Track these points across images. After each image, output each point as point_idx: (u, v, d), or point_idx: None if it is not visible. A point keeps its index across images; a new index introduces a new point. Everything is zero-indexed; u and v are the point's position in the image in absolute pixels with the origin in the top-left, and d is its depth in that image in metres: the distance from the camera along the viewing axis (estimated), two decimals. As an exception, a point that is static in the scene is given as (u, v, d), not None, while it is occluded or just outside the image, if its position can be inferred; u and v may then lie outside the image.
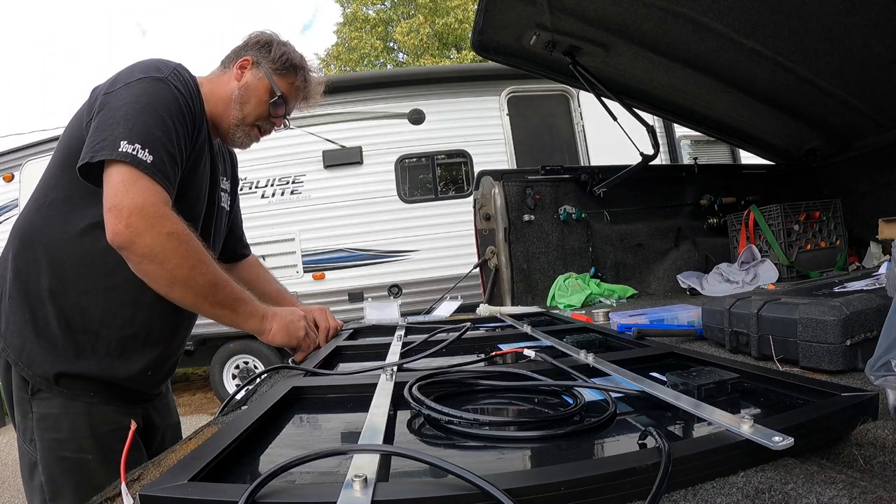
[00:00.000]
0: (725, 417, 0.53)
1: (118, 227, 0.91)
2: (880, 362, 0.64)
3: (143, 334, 1.10)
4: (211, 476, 0.47)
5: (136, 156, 0.93)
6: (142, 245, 0.92)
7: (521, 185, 2.57)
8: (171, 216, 0.96)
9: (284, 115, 1.27)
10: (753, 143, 2.81)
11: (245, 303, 1.09)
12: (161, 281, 0.97)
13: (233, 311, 1.06)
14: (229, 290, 1.05)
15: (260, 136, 1.27)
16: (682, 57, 2.00)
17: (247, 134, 1.23)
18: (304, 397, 0.79)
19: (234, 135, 1.23)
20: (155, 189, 0.95)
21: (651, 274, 2.64)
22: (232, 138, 1.24)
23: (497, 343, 1.20)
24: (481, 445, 0.58)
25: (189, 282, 0.98)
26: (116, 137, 0.93)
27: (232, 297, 1.06)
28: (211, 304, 1.02)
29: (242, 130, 1.22)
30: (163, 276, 0.96)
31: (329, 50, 16.00)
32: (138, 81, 1.01)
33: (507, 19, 2.00)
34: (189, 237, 0.98)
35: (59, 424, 1.02)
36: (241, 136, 1.23)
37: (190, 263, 0.97)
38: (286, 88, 1.24)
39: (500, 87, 5.03)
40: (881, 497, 0.39)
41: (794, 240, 2.24)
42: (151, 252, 0.93)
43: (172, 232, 0.95)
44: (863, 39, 1.64)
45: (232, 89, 1.20)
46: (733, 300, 1.08)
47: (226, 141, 1.28)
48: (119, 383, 1.08)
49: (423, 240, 4.82)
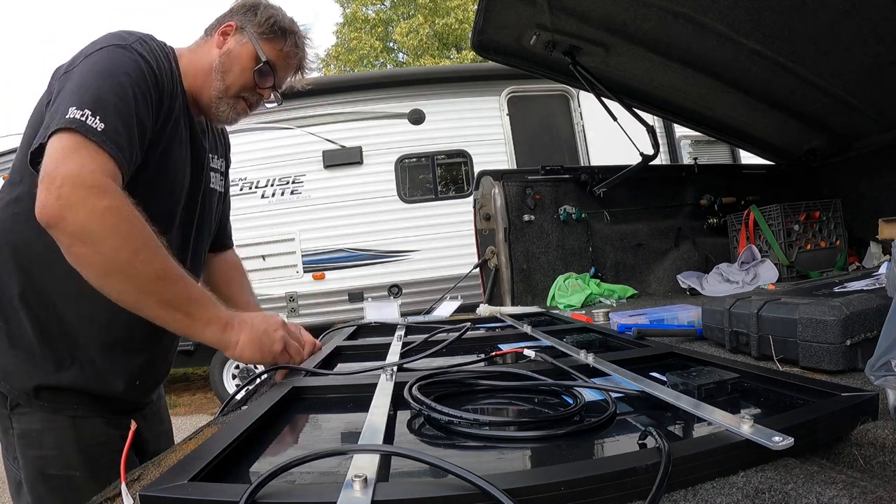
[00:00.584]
0: (725, 417, 0.53)
1: (47, 199, 0.76)
2: (880, 362, 0.64)
3: (125, 340, 1.00)
4: (211, 476, 0.47)
5: (85, 122, 0.80)
6: (73, 221, 0.76)
7: (521, 185, 2.57)
8: (114, 190, 0.80)
9: (274, 86, 1.14)
10: (753, 143, 2.81)
11: (202, 306, 0.88)
12: (95, 268, 0.80)
13: (186, 315, 0.85)
14: (182, 287, 0.85)
15: (247, 109, 1.14)
16: (682, 57, 2.00)
17: (231, 107, 1.11)
18: (304, 397, 0.79)
19: (218, 108, 1.10)
20: (100, 158, 0.81)
21: (651, 274, 2.64)
22: (215, 113, 1.12)
23: (497, 343, 1.20)
24: (481, 445, 0.58)
25: (128, 271, 0.80)
26: (66, 107, 0.81)
27: (185, 297, 0.85)
28: (157, 303, 0.83)
29: (226, 103, 1.10)
30: (97, 261, 0.79)
31: (329, 50, 16.00)
32: (98, 51, 0.90)
33: (507, 19, 2.00)
34: (132, 216, 0.81)
35: (42, 440, 0.94)
36: (226, 110, 1.11)
37: (132, 247, 0.79)
38: (274, 55, 1.10)
39: (500, 87, 5.03)
40: (881, 497, 0.39)
41: (794, 240, 2.24)
42: (84, 230, 0.77)
43: (112, 207, 0.78)
44: (863, 39, 1.64)
45: (213, 58, 1.08)
46: (733, 300, 1.08)
47: (209, 117, 1.15)
48: (104, 394, 1.00)
49: (423, 240, 4.82)
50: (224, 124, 1.20)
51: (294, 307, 4.69)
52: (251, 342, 0.90)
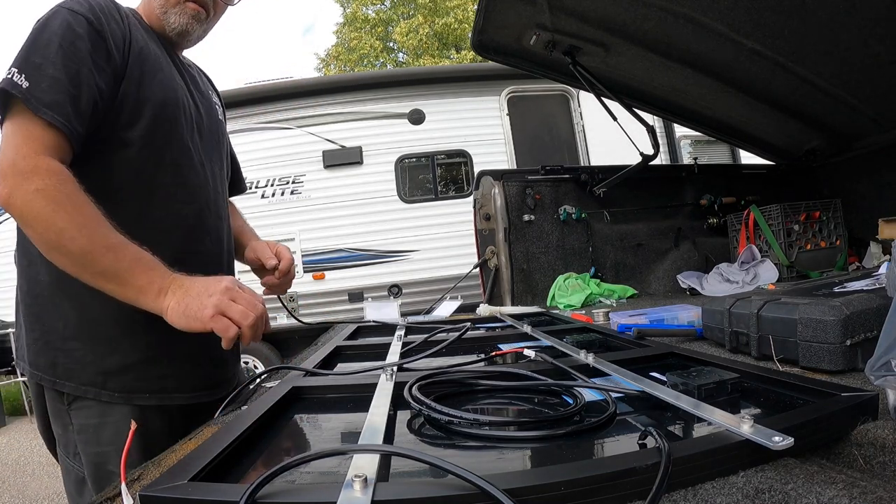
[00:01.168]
0: (725, 417, 0.53)
1: (1, 190, 0.82)
2: (880, 362, 0.64)
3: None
4: (211, 476, 0.47)
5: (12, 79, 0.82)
6: (14, 207, 0.82)
7: (521, 185, 2.57)
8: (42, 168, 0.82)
9: None
10: (753, 143, 2.81)
11: (133, 274, 0.85)
12: (40, 246, 0.85)
13: (119, 285, 0.85)
14: (110, 258, 0.84)
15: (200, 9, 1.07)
16: (682, 57, 2.00)
17: (181, 13, 1.05)
18: (304, 397, 0.79)
19: (168, 22, 1.06)
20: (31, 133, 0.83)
21: (651, 274, 2.64)
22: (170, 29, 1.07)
23: (497, 343, 1.20)
24: (481, 445, 0.58)
25: (60, 248, 0.83)
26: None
27: (113, 268, 0.84)
28: (91, 275, 0.85)
29: (173, 13, 1.05)
30: (37, 240, 0.85)
31: (329, 50, 16.02)
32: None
33: (507, 19, 2.00)
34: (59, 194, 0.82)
35: (99, 436, 0.93)
36: (176, 19, 1.05)
37: (57, 228, 0.82)
38: None
39: (500, 87, 5.03)
40: (881, 497, 0.39)
41: (794, 240, 2.24)
42: (21, 214, 0.83)
43: (40, 189, 0.81)
44: (863, 39, 1.64)
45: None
46: (733, 300, 1.08)
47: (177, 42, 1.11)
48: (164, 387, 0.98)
49: (423, 240, 4.82)
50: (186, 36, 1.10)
51: (294, 307, 4.69)
52: (178, 307, 0.84)
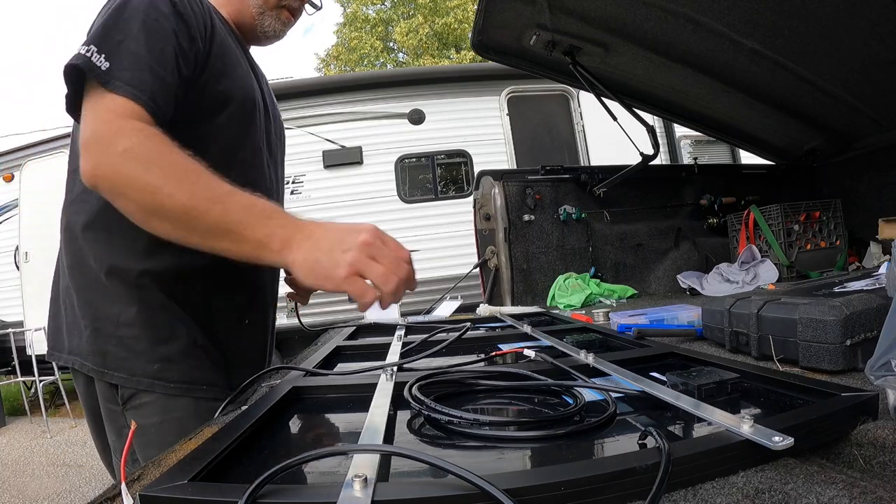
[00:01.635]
0: (725, 417, 0.53)
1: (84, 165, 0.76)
2: (880, 362, 0.64)
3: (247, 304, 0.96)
4: (211, 476, 0.47)
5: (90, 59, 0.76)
6: (103, 179, 0.75)
7: (521, 185, 2.57)
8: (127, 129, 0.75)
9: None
10: (753, 143, 2.81)
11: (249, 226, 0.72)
12: (137, 217, 0.76)
13: (234, 242, 0.72)
14: (218, 211, 0.72)
15: (291, 17, 1.11)
16: (682, 57, 2.00)
17: (276, 18, 1.08)
18: (304, 397, 0.78)
19: (263, 24, 1.07)
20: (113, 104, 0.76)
21: (651, 274, 2.64)
22: (262, 29, 1.08)
23: (497, 343, 1.20)
24: (481, 445, 0.58)
25: (159, 210, 0.73)
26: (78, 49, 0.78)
27: (224, 223, 0.72)
28: (201, 235, 0.74)
29: (269, 16, 1.07)
30: (133, 209, 0.76)
31: (329, 50, 16.02)
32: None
33: (507, 19, 2.00)
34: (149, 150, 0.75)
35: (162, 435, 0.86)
36: (271, 23, 1.07)
37: (152, 186, 0.72)
38: None
39: (500, 87, 5.04)
40: (881, 497, 0.39)
41: (794, 240, 2.24)
42: (112, 184, 0.75)
43: (127, 149, 0.73)
44: (863, 39, 1.64)
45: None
46: (733, 300, 1.08)
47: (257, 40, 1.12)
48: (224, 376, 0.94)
49: (423, 240, 4.82)
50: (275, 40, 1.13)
51: (294, 307, 4.69)
52: (305, 263, 0.70)
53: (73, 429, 5.01)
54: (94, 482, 3.59)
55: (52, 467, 3.96)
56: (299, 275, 0.71)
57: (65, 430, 5.01)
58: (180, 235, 0.75)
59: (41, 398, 5.21)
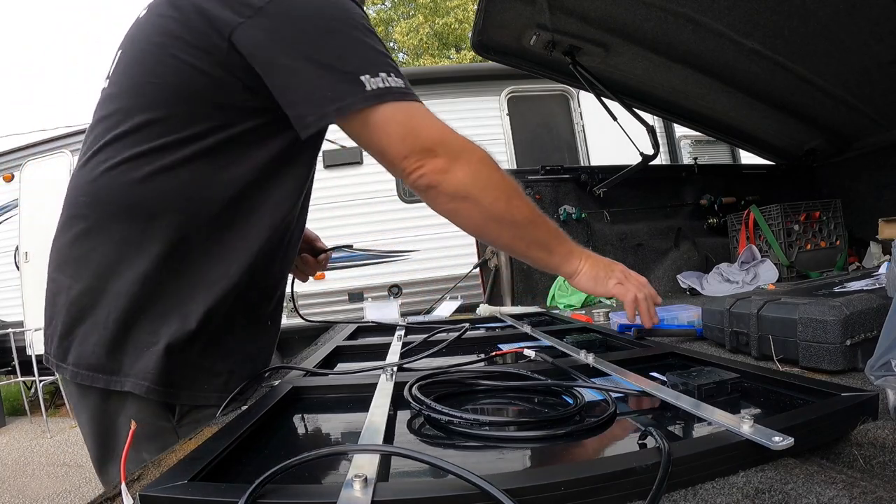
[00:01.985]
0: (725, 417, 0.53)
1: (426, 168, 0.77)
2: (880, 362, 0.64)
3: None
4: (211, 476, 0.47)
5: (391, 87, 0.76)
6: (456, 179, 0.79)
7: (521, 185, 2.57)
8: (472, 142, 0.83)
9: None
10: (753, 143, 2.81)
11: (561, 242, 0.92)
12: (475, 219, 0.83)
13: (547, 253, 0.91)
14: (546, 227, 0.89)
15: None
16: (682, 57, 2.00)
17: None
18: (304, 397, 0.79)
19: None
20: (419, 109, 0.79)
21: (651, 274, 2.64)
22: None
23: (497, 343, 1.20)
24: (481, 445, 0.58)
25: (506, 218, 0.83)
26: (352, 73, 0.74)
27: (545, 238, 0.90)
28: (527, 244, 0.88)
29: None
30: (476, 214, 0.82)
31: (329, 50, 15.96)
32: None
33: (507, 19, 2.00)
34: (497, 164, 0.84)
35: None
36: None
37: (507, 196, 0.83)
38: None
39: (500, 87, 5.03)
40: (881, 497, 0.39)
41: (794, 240, 2.24)
42: (466, 186, 0.79)
43: (482, 158, 0.82)
44: (863, 39, 1.64)
45: None
46: (733, 300, 1.08)
47: None
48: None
49: (423, 240, 4.82)
50: None
51: (294, 307, 4.69)
52: (588, 273, 0.94)
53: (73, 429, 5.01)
54: (94, 482, 3.59)
55: (52, 467, 3.96)
56: (581, 280, 0.94)
57: (65, 430, 5.01)
58: (509, 242, 0.88)
59: (41, 398, 5.20)
